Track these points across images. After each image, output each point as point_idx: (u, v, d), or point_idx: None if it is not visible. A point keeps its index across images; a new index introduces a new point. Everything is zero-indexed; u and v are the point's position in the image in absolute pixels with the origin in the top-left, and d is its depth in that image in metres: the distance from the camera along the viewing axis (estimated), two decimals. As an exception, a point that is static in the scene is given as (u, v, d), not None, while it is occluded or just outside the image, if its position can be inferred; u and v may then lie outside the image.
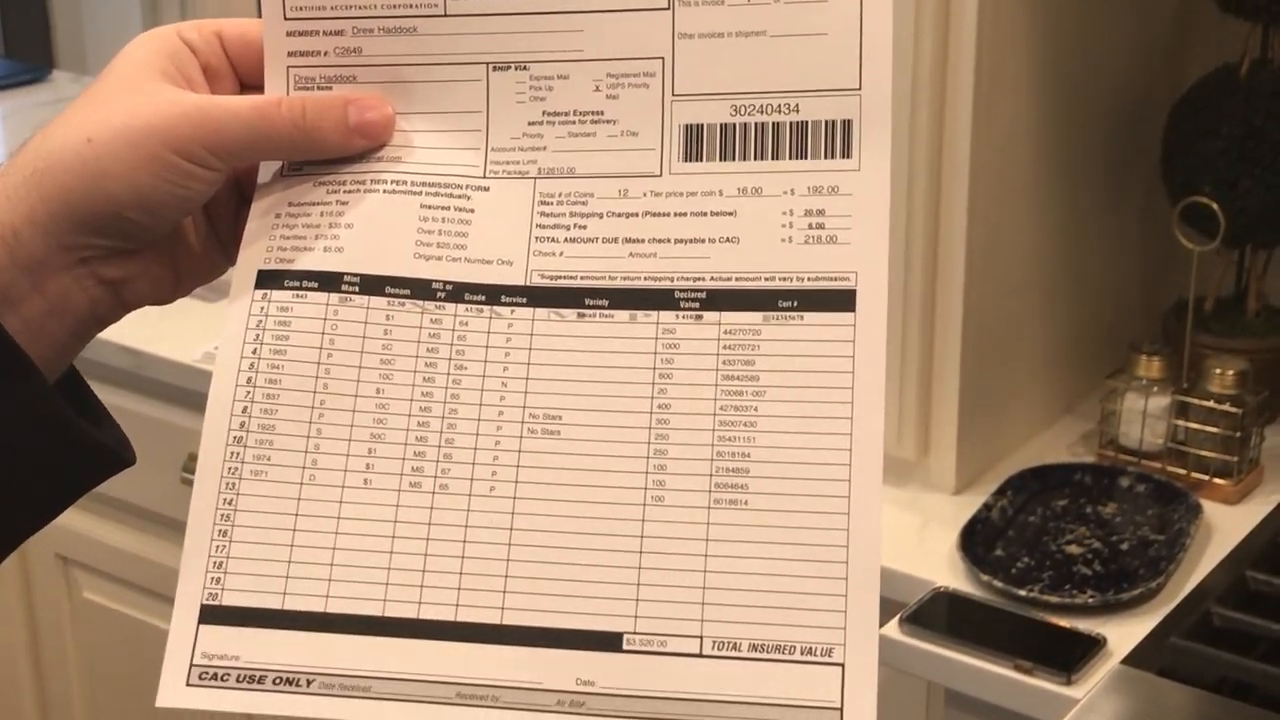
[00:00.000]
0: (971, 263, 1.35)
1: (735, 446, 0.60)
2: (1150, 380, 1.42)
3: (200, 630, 0.61)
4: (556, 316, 0.62)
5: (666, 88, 0.63)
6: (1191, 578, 1.27)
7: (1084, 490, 1.40)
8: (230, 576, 0.61)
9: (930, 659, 1.21)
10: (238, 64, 0.66)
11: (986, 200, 1.35)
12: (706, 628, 0.58)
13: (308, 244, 0.64)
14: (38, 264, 0.61)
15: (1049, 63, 1.40)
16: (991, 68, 1.31)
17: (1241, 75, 1.45)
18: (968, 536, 1.31)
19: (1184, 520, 1.33)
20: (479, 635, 0.59)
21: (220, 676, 0.60)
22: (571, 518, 0.60)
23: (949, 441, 1.39)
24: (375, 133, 0.65)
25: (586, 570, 0.59)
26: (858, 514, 0.58)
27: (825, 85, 0.62)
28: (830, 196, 0.62)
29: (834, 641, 0.58)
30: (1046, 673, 1.16)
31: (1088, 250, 1.53)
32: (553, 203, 0.64)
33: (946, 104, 1.31)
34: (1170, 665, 1.13)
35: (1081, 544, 1.32)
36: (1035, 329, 1.48)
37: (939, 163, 1.33)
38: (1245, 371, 1.40)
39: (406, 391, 0.62)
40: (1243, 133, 1.42)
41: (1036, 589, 1.24)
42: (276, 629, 0.60)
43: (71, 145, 0.61)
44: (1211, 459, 1.39)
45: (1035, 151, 1.41)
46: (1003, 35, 1.32)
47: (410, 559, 0.60)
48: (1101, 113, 1.50)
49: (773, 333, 0.61)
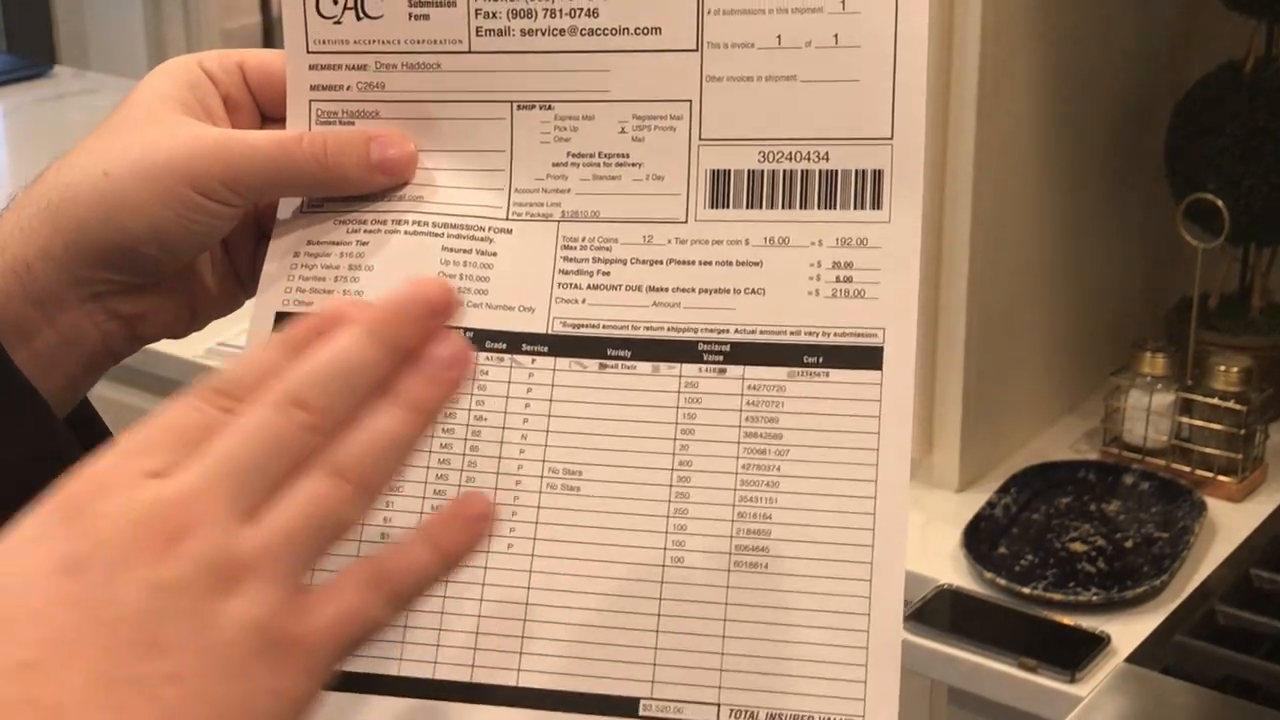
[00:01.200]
0: (975, 261, 1.34)
1: (757, 507, 0.58)
2: (1154, 378, 1.41)
3: None
4: (578, 367, 0.61)
5: (693, 131, 0.62)
6: (1195, 576, 1.27)
7: (1088, 488, 1.40)
8: None
9: (934, 657, 1.20)
10: (259, 95, 0.65)
11: (990, 198, 1.35)
12: (724, 694, 0.57)
13: (326, 286, 0.63)
14: (50, 297, 0.61)
15: (1053, 60, 1.39)
16: (995, 66, 1.31)
17: (1246, 72, 1.45)
18: (971, 534, 1.31)
19: (1188, 518, 1.33)
20: (495, 698, 0.58)
21: None
22: (590, 578, 0.59)
23: (953, 439, 1.39)
24: (397, 170, 0.63)
25: (604, 633, 0.58)
26: (880, 581, 0.57)
27: (856, 134, 0.61)
28: (859, 249, 0.60)
29: (853, 713, 0.56)
30: (1050, 670, 1.16)
31: (1091, 248, 1.52)
32: (576, 247, 0.62)
33: (950, 101, 1.31)
34: (1174, 663, 1.12)
35: (1085, 541, 1.32)
36: (1039, 326, 1.48)
37: (943, 160, 1.33)
38: (1249, 369, 1.40)
39: (424, 442, 0.61)
40: (1247, 130, 1.42)
41: (1040, 587, 1.24)
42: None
43: (88, 178, 0.60)
44: (1216, 456, 1.39)
45: (1039, 149, 1.41)
46: (1006, 33, 1.32)
47: (425, 617, 0.59)
48: (1105, 110, 1.50)
49: (797, 389, 0.59)
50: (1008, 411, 1.46)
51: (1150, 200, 1.56)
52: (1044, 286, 1.47)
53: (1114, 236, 1.56)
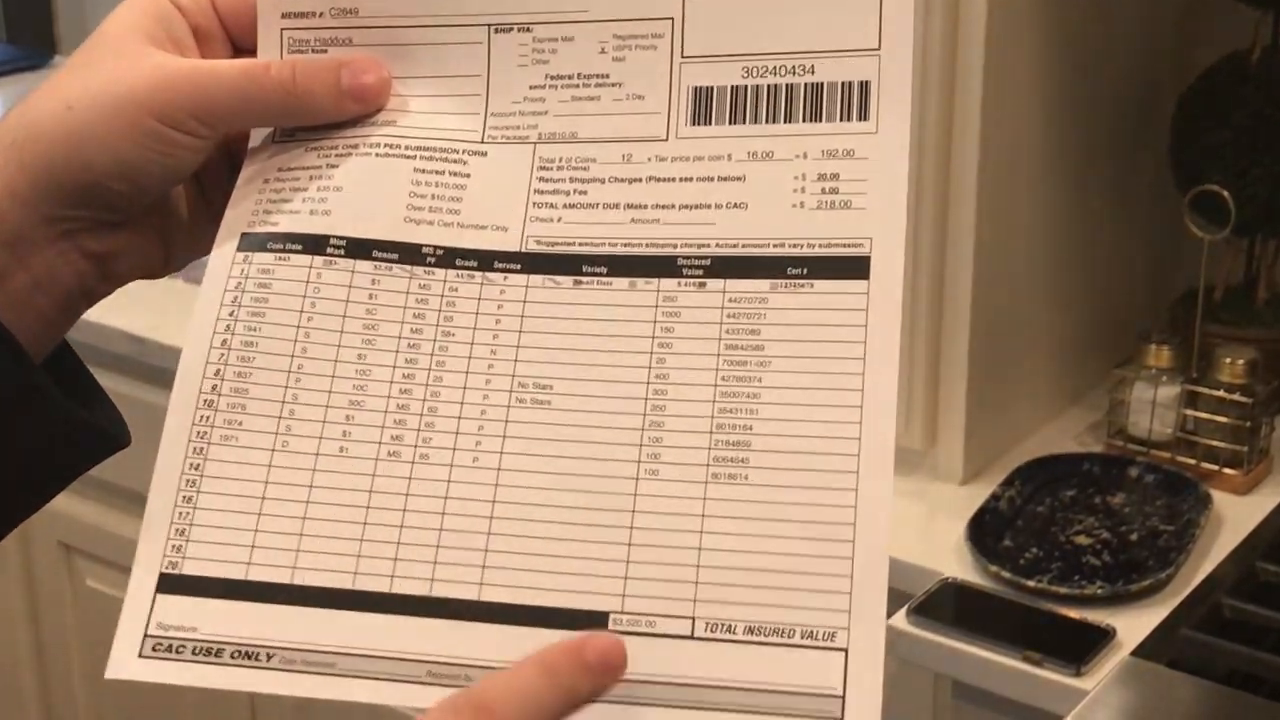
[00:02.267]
0: (980, 252, 1.34)
1: (737, 419, 0.57)
2: (1159, 370, 1.41)
3: (157, 599, 0.58)
4: (552, 283, 0.60)
5: (675, 49, 0.61)
6: (1201, 569, 1.26)
7: (1092, 480, 1.39)
8: (192, 545, 0.58)
9: (938, 650, 1.20)
10: (230, 25, 0.64)
11: (995, 189, 1.34)
12: (699, 608, 0.55)
13: (294, 207, 0.62)
14: (20, 238, 0.60)
15: (1058, 51, 1.39)
16: (1000, 56, 1.31)
17: (1252, 63, 1.44)
18: (976, 527, 1.31)
19: (1193, 511, 1.32)
20: (454, 611, 0.56)
21: (175, 649, 0.57)
22: (559, 490, 0.57)
23: (957, 431, 1.39)
24: (370, 97, 0.63)
25: (572, 545, 0.56)
26: (866, 491, 0.55)
27: (842, 45, 0.60)
28: (845, 160, 0.59)
29: (837, 625, 0.54)
30: (1055, 664, 1.16)
31: (1096, 239, 1.52)
32: (552, 168, 0.62)
33: (955, 92, 1.31)
34: (1180, 657, 1.12)
35: (1090, 534, 1.32)
36: (1043, 318, 1.48)
37: (948, 150, 1.32)
38: (1255, 361, 1.39)
39: (389, 358, 0.60)
40: (1253, 121, 1.41)
41: (1045, 580, 1.24)
42: (238, 600, 0.57)
43: (51, 113, 0.59)
44: (1221, 449, 1.39)
45: (1044, 140, 1.41)
46: (1012, 23, 1.31)
47: (385, 530, 0.57)
48: (1110, 101, 1.49)
49: (780, 301, 0.58)
50: (1012, 404, 1.46)
51: (1155, 192, 1.56)
52: (1048, 278, 1.47)
53: (1119, 228, 1.55)
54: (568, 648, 0.54)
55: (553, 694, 0.52)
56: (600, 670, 0.54)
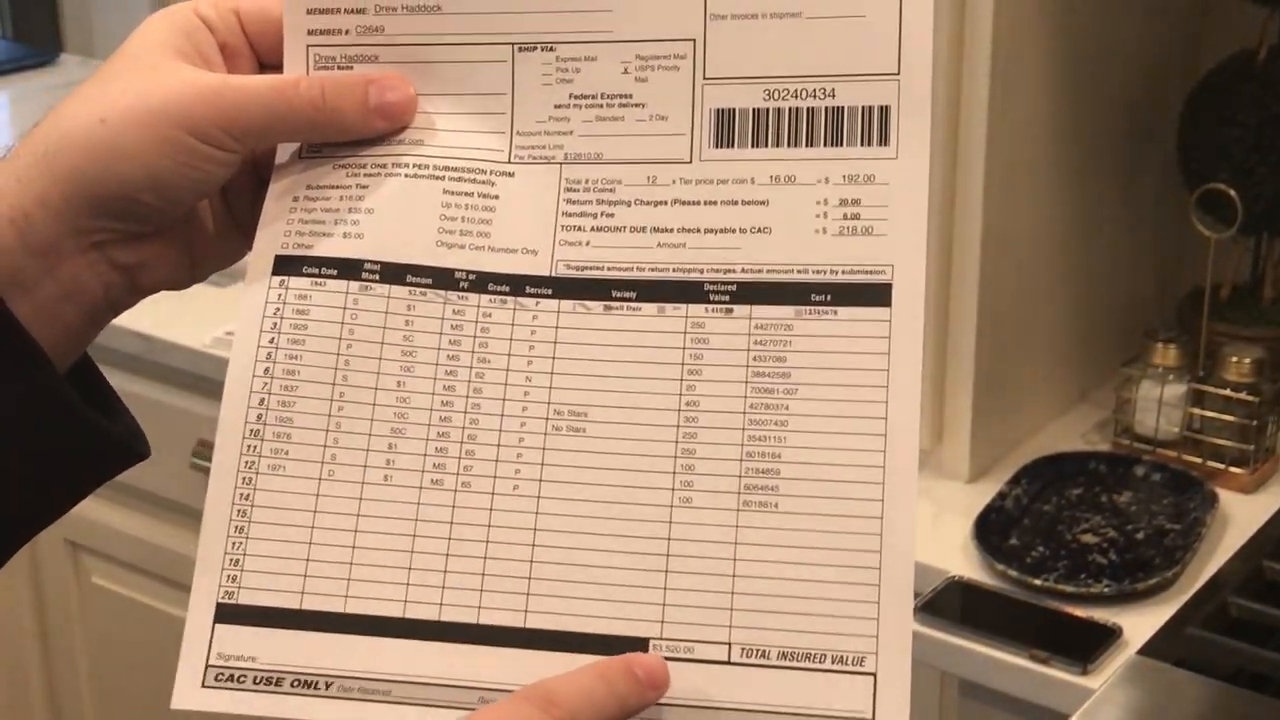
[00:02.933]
0: (986, 251, 1.34)
1: (766, 446, 0.58)
2: (1166, 368, 1.41)
3: (216, 630, 0.59)
4: (583, 309, 0.61)
5: (698, 71, 0.62)
6: (1208, 567, 1.26)
7: (1099, 479, 1.39)
8: (247, 575, 0.60)
9: (944, 648, 1.20)
10: (256, 42, 0.65)
11: (1002, 187, 1.34)
12: (735, 634, 0.57)
13: (326, 229, 0.62)
14: (50, 248, 0.60)
15: (1065, 49, 1.39)
16: (1007, 55, 1.31)
17: (1259, 62, 1.44)
18: (982, 525, 1.31)
19: (1200, 509, 1.32)
20: (502, 639, 0.58)
21: (237, 678, 0.59)
22: (597, 518, 0.58)
23: (963, 430, 1.39)
24: (396, 114, 0.63)
25: (612, 573, 0.58)
26: (891, 518, 0.57)
27: (862, 70, 0.60)
28: (866, 186, 0.60)
29: (866, 650, 0.56)
30: (1062, 663, 1.16)
31: (1103, 237, 1.52)
32: (579, 189, 0.62)
33: (962, 91, 1.31)
34: (1187, 655, 1.12)
35: (1096, 533, 1.32)
36: (1050, 317, 1.48)
37: (954, 150, 1.32)
38: (1261, 360, 1.39)
39: (428, 385, 0.61)
40: (1260, 120, 1.41)
41: (1051, 578, 1.24)
42: (294, 629, 0.59)
43: (84, 126, 0.60)
44: (1227, 447, 1.39)
45: (1051, 138, 1.40)
46: (1019, 22, 1.31)
47: (432, 559, 0.59)
48: (1117, 99, 1.49)
49: (805, 328, 0.59)
50: (1018, 402, 1.45)
51: (1162, 190, 1.55)
52: (1055, 277, 1.47)
53: (1125, 227, 1.55)
54: (620, 661, 0.56)
55: (607, 698, 0.55)
56: (648, 684, 0.56)
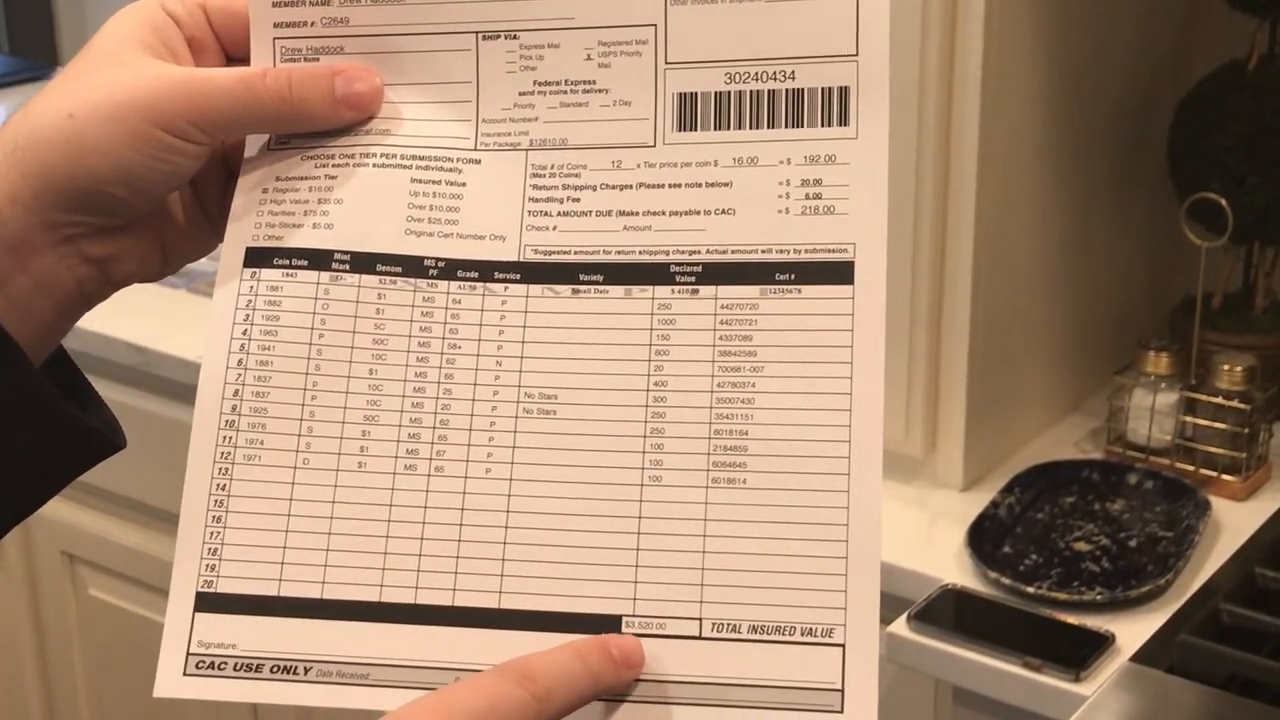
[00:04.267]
0: (978, 260, 1.34)
1: (733, 424, 0.59)
2: (1158, 377, 1.41)
3: (196, 618, 0.60)
4: (551, 293, 0.61)
5: (659, 55, 0.62)
6: (1200, 575, 1.26)
7: (1092, 487, 1.40)
8: (225, 564, 0.60)
9: (938, 656, 1.20)
10: (223, 36, 0.65)
11: (993, 196, 1.34)
12: (706, 609, 0.58)
13: (296, 220, 0.63)
14: (21, 243, 0.61)
15: (1056, 58, 1.39)
16: (998, 63, 1.31)
17: (1249, 71, 1.45)
18: (975, 533, 1.31)
19: (1192, 517, 1.33)
20: (477, 620, 0.59)
21: (217, 665, 0.59)
22: (569, 499, 0.59)
23: (956, 438, 1.39)
24: (363, 104, 0.64)
25: (584, 552, 0.59)
26: (857, 492, 0.58)
27: (821, 51, 0.61)
28: (827, 166, 0.61)
29: (834, 622, 0.57)
30: (1055, 670, 1.16)
31: (1095, 246, 1.52)
32: (545, 175, 0.63)
33: (953, 100, 1.31)
34: (1179, 662, 1.12)
35: (1089, 541, 1.32)
36: (1042, 325, 1.48)
37: (945, 159, 1.32)
38: (1253, 368, 1.40)
39: (400, 372, 0.61)
40: (1250, 129, 1.42)
41: (1045, 586, 1.24)
42: (273, 616, 0.59)
43: (52, 121, 0.60)
44: (1219, 455, 1.39)
45: (1042, 147, 1.41)
46: (1009, 31, 1.32)
47: (407, 543, 0.60)
48: (1108, 108, 1.50)
49: (770, 306, 0.60)
50: (1011, 410, 1.46)
51: (1153, 199, 1.56)
52: (1047, 285, 1.47)
53: (1117, 235, 1.56)
54: (596, 641, 0.57)
55: (583, 675, 0.56)
56: (623, 663, 0.57)
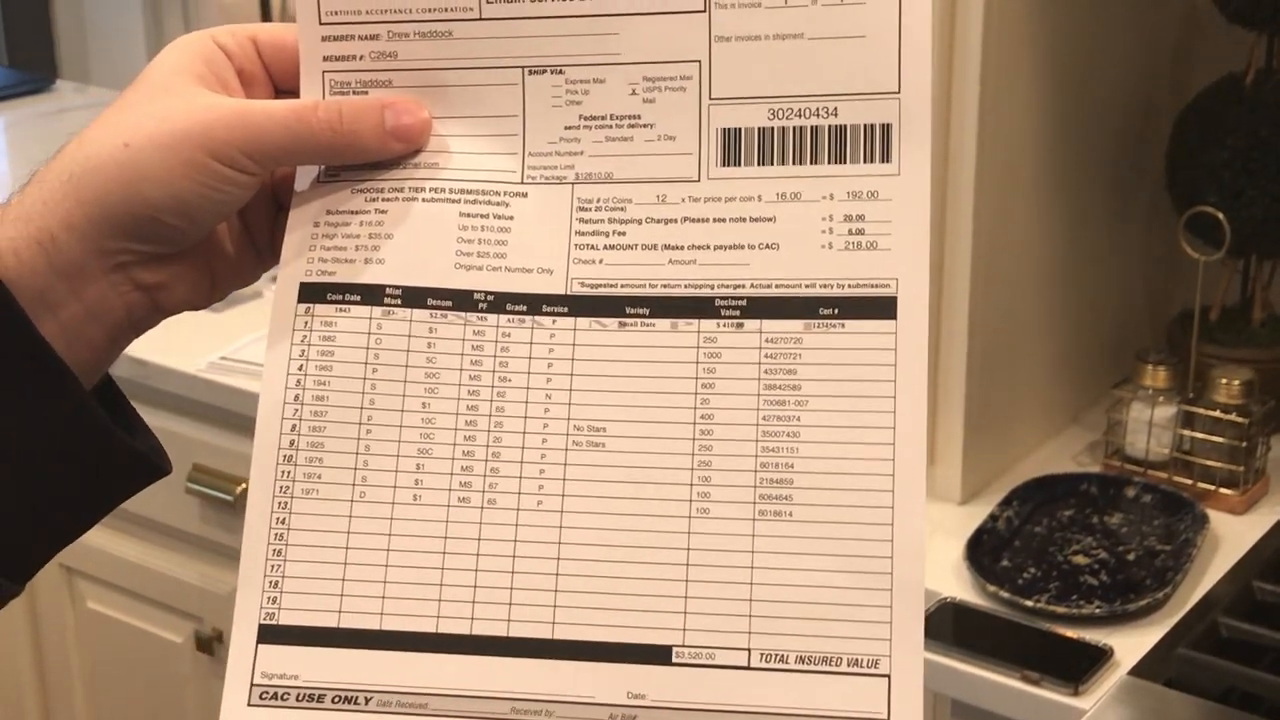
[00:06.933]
0: (976, 274, 1.35)
1: (779, 457, 0.60)
2: (1156, 390, 1.42)
3: (259, 650, 0.61)
4: (598, 326, 0.62)
5: (704, 91, 0.63)
6: (1198, 588, 1.27)
7: (1090, 500, 1.40)
8: (287, 595, 0.61)
9: (937, 670, 1.20)
10: (272, 69, 0.66)
11: (991, 211, 1.35)
12: (754, 640, 0.59)
13: (349, 256, 0.64)
14: (76, 269, 0.61)
15: (1054, 73, 1.40)
16: (996, 78, 1.31)
17: (1247, 85, 1.45)
18: (974, 547, 1.31)
19: (1190, 530, 1.33)
20: (531, 650, 0.60)
21: (281, 696, 0.60)
22: (618, 530, 0.60)
23: (955, 452, 1.39)
24: (412, 137, 0.64)
25: (635, 584, 0.60)
26: (901, 524, 0.58)
27: (864, 89, 0.62)
28: (870, 202, 0.61)
29: (880, 653, 0.58)
30: (1054, 683, 1.16)
31: (1093, 260, 1.53)
32: (591, 208, 0.63)
33: (952, 114, 1.31)
34: (1177, 676, 1.12)
35: (1088, 554, 1.32)
36: (1040, 339, 1.48)
37: (944, 173, 1.33)
38: (1251, 381, 1.40)
39: (452, 405, 0.62)
40: (1248, 143, 1.42)
41: (1043, 599, 1.24)
42: (334, 647, 0.61)
43: (108, 149, 0.61)
44: (1218, 469, 1.39)
45: (1040, 161, 1.41)
46: (1007, 45, 1.32)
47: (461, 575, 0.61)
48: (1106, 123, 1.50)
49: (814, 341, 0.61)
50: (1010, 424, 1.46)
51: (1151, 213, 1.56)
52: (1046, 299, 1.47)
53: (1115, 249, 1.56)
54: None
55: None
56: None
